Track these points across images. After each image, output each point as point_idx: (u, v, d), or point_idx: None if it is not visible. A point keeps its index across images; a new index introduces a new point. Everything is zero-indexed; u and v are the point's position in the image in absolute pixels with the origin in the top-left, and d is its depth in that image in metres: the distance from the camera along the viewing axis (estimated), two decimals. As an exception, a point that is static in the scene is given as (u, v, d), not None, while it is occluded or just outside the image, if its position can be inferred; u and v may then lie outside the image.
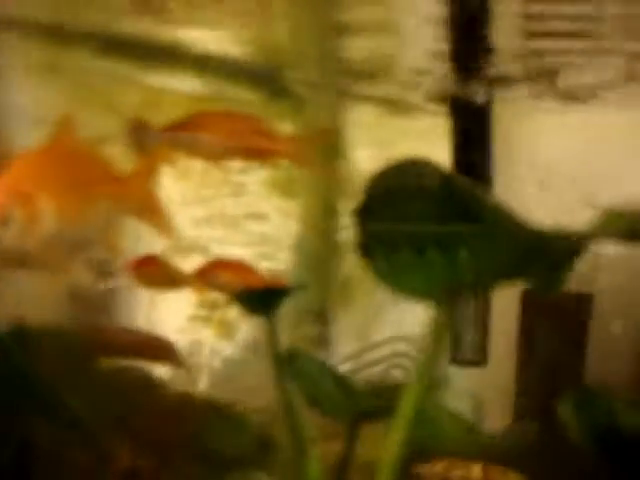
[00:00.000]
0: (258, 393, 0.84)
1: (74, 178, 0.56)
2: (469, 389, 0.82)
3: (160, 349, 0.74)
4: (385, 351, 0.91)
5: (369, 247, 0.46)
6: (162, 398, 0.62)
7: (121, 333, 0.74)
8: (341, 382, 0.63)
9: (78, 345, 0.61)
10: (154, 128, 0.59)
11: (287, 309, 0.58)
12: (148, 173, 0.61)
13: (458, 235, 0.46)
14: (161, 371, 0.73)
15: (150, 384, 0.63)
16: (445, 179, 0.49)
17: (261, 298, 0.57)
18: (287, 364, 0.55)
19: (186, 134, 0.60)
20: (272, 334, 0.56)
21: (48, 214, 0.53)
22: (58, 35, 0.66)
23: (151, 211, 0.61)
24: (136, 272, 0.69)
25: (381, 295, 0.89)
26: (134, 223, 0.61)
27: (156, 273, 0.70)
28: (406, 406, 0.45)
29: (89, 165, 0.59)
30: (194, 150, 0.61)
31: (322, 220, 0.85)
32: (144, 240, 0.65)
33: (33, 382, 0.54)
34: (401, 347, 0.91)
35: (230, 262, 0.70)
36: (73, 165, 0.57)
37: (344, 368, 0.79)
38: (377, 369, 0.89)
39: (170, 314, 0.76)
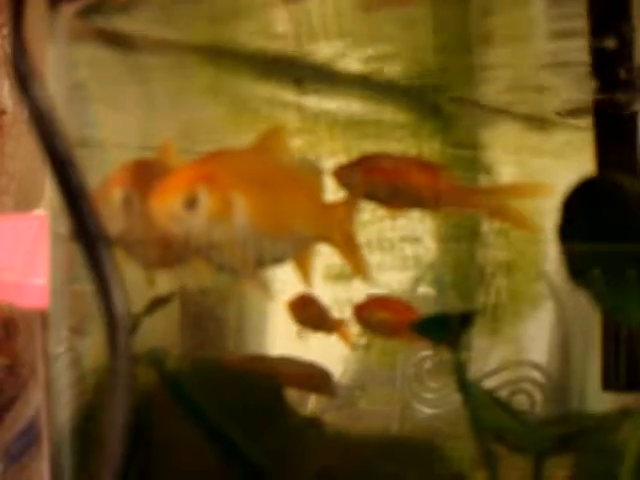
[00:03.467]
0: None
1: (275, 188, 0.54)
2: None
3: (316, 379, 0.73)
4: (508, 376, 0.88)
5: (581, 268, 0.44)
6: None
7: (280, 363, 0.73)
8: (514, 413, 0.61)
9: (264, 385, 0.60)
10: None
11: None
12: (353, 206, 0.60)
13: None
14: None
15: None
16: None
17: (445, 325, 0.55)
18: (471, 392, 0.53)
19: (361, 177, 0.59)
20: (457, 362, 0.53)
21: (240, 210, 0.50)
22: (219, 58, 0.66)
23: (349, 245, 0.60)
24: (292, 309, 0.68)
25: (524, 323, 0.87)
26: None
27: (310, 314, 0.69)
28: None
29: (294, 180, 0.56)
30: (370, 194, 0.59)
31: (468, 242, 0.82)
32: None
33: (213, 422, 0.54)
34: (525, 372, 0.88)
35: (386, 300, 0.68)
36: (276, 175, 0.55)
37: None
38: (500, 394, 0.86)
39: (326, 342, 0.75)
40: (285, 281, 0.74)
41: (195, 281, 0.68)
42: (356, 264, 0.63)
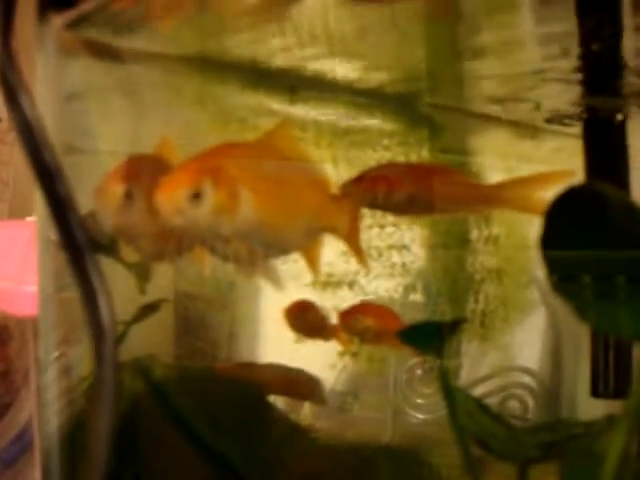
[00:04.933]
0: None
1: (281, 181, 0.55)
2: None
3: (305, 386, 0.73)
4: (500, 382, 0.89)
5: (558, 278, 0.44)
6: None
7: (267, 370, 0.73)
8: (500, 420, 0.61)
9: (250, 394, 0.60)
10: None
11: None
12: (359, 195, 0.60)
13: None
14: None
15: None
16: (628, 205, 0.47)
17: (430, 333, 0.55)
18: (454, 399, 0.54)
19: (379, 190, 0.59)
20: (442, 369, 0.54)
21: (246, 203, 0.50)
22: (206, 68, 0.67)
23: (354, 235, 0.60)
24: (289, 316, 0.69)
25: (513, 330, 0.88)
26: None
27: (307, 321, 0.69)
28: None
29: (300, 172, 0.57)
30: (386, 204, 0.60)
31: (457, 249, 0.83)
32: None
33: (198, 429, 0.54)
34: (517, 378, 0.88)
35: (371, 307, 0.69)
36: (282, 168, 0.56)
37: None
38: (492, 400, 0.86)
39: (316, 349, 0.75)
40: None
41: (196, 271, 0.69)
42: (361, 254, 0.63)
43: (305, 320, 0.71)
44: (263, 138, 0.57)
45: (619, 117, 0.82)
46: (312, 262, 0.60)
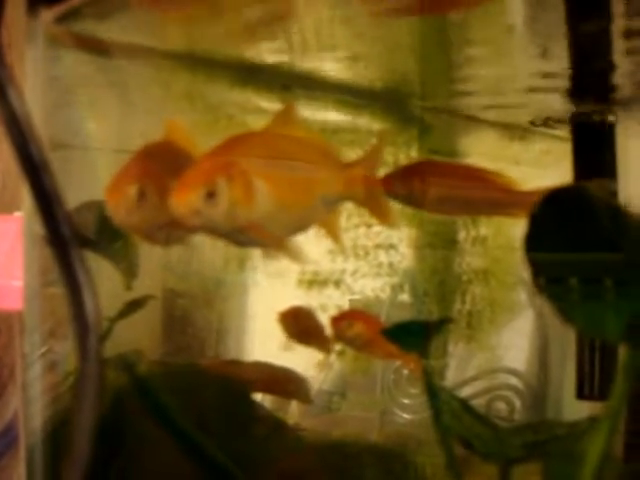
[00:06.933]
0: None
1: (293, 161, 0.55)
2: None
3: (291, 384, 0.73)
4: (487, 383, 0.89)
5: (543, 280, 0.44)
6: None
7: (253, 367, 0.73)
8: (484, 421, 0.61)
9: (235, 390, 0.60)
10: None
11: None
12: (374, 159, 0.61)
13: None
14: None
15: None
16: (614, 207, 0.47)
17: (415, 332, 0.55)
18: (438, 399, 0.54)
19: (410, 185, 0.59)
20: (427, 369, 0.54)
21: (262, 191, 0.51)
22: (195, 65, 0.67)
23: (372, 197, 0.60)
24: (283, 321, 0.69)
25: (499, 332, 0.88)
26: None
27: (301, 326, 0.70)
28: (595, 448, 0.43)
29: (310, 149, 0.58)
30: (419, 203, 0.60)
31: (445, 250, 0.83)
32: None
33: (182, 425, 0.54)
34: (504, 379, 0.89)
35: (362, 314, 0.69)
36: (292, 149, 0.56)
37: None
38: (479, 401, 0.87)
39: (302, 348, 0.75)
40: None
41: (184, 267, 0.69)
42: (382, 215, 0.63)
43: (299, 326, 0.72)
44: (270, 124, 0.57)
45: (608, 120, 0.82)
46: (332, 232, 0.61)
